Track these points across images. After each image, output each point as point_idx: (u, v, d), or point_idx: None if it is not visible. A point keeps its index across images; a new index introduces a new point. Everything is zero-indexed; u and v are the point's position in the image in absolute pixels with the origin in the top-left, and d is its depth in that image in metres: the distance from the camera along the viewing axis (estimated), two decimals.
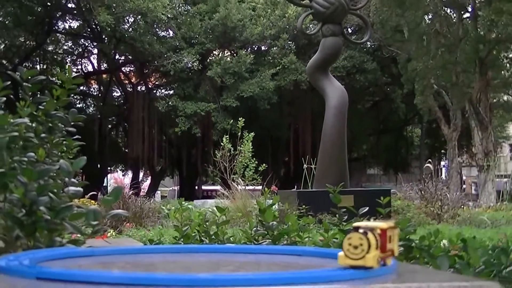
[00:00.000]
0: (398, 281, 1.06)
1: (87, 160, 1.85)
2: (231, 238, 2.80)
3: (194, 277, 0.97)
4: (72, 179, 1.78)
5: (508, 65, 26.02)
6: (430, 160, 28.33)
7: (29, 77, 2.16)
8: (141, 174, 36.27)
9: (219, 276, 0.98)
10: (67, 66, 34.07)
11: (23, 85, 2.13)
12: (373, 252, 1.04)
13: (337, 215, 2.74)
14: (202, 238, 2.65)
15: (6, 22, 29.72)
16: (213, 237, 2.58)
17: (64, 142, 2.18)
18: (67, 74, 2.30)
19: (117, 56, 33.25)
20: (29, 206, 1.56)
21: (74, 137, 2.21)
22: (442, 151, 36.60)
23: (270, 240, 2.51)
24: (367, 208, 2.63)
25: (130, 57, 32.52)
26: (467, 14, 26.45)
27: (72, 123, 2.15)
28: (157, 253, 1.36)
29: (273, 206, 2.69)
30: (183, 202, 3.32)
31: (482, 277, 2.10)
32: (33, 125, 2.00)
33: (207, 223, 2.73)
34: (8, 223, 1.59)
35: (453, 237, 2.79)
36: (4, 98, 2.07)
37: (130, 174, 37.38)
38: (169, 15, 27.20)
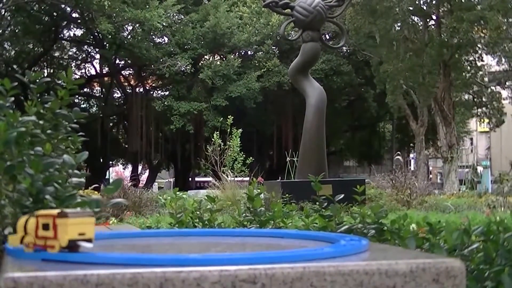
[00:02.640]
0: (370, 258, 1.07)
1: (91, 155, 1.84)
2: (221, 224, 2.79)
3: (186, 257, 0.96)
4: (76, 171, 1.77)
5: (468, 67, 26.18)
6: (399, 152, 28.48)
7: (36, 80, 2.15)
8: (139, 167, 36.11)
9: (208, 256, 0.98)
10: (72, 70, 33.99)
11: (30, 87, 2.12)
12: (18, 234, 1.06)
13: (317, 203, 2.75)
14: (195, 224, 2.64)
15: (16, 31, 29.49)
16: (206, 222, 2.57)
17: (69, 138, 2.16)
18: (67, 76, 2.28)
19: (117, 61, 33.05)
20: (36, 195, 1.55)
21: (78, 134, 2.19)
22: (411, 144, 36.76)
23: (258, 225, 2.51)
24: (343, 195, 2.63)
25: (129, 61, 32.33)
26: (432, 22, 26.56)
27: (75, 121, 2.14)
28: (153, 237, 1.35)
29: (260, 195, 2.69)
30: (178, 192, 3.31)
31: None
32: (40, 122, 1.98)
33: (200, 210, 2.72)
34: (16, 210, 1.58)
35: (420, 221, 2.80)
36: (13, 98, 2.05)
37: (130, 167, 37.21)
38: (164, 24, 27.05)
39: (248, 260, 0.94)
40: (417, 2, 26.14)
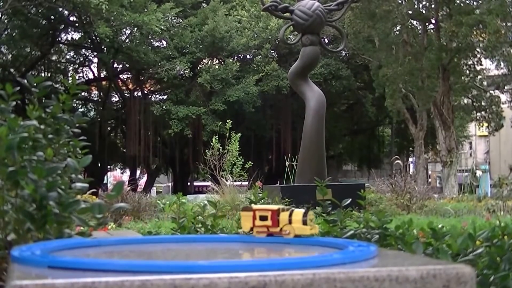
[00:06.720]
0: (380, 265, 1.06)
1: None
2: (224, 229, 2.79)
3: (195, 264, 0.96)
4: (79, 176, 1.76)
5: (467, 71, 26.21)
6: (397, 156, 28.47)
7: (37, 84, 2.14)
8: (138, 172, 36.09)
9: (217, 263, 0.97)
10: (70, 74, 33.93)
11: (31, 91, 2.11)
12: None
13: (318, 207, 2.74)
14: (197, 229, 2.63)
15: (14, 35, 29.47)
16: (208, 228, 2.56)
17: (71, 142, 2.15)
18: (71, 81, 2.28)
19: (115, 65, 33.05)
20: (40, 201, 1.54)
21: (80, 138, 2.18)
22: (410, 148, 36.79)
23: None
24: (350, 199, 2.63)
25: (127, 65, 32.33)
26: (431, 26, 26.61)
27: (77, 125, 2.13)
28: (158, 243, 1.34)
29: (262, 200, 2.68)
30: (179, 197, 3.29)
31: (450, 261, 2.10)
32: (42, 127, 1.97)
33: (203, 215, 2.71)
34: (20, 217, 1.57)
35: (421, 226, 2.80)
36: (14, 103, 2.05)
37: (128, 172, 37.16)
38: (162, 27, 27.06)
39: (257, 266, 0.94)
40: (416, 6, 26.20)
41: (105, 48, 30.49)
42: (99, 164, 33.00)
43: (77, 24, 31.21)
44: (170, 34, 28.69)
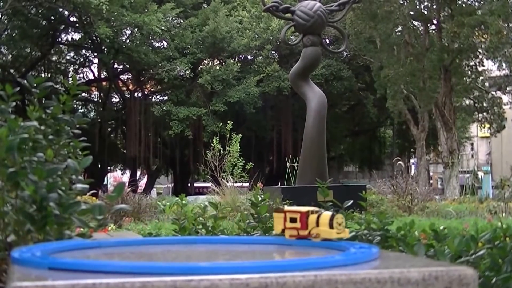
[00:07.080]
0: (381, 266, 1.06)
1: None
2: (224, 230, 2.79)
3: (196, 266, 0.96)
4: (79, 177, 1.76)
5: (469, 72, 26.21)
6: (398, 158, 28.47)
7: (37, 84, 2.14)
8: (138, 173, 36.09)
9: (218, 265, 0.97)
10: (70, 74, 33.91)
11: (32, 91, 2.11)
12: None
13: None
14: (198, 230, 2.63)
15: (13, 35, 29.51)
16: (209, 229, 2.56)
17: (71, 143, 2.15)
18: (72, 82, 2.28)
19: (115, 65, 33.07)
20: (40, 202, 1.54)
21: (81, 139, 2.18)
22: (412, 150, 36.78)
23: (261, 232, 2.50)
24: (352, 201, 2.63)
25: (128, 66, 32.35)
26: (433, 27, 26.62)
27: (77, 126, 2.13)
28: (159, 244, 1.34)
29: (264, 201, 2.68)
30: (177, 198, 3.28)
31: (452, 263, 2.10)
32: (42, 128, 1.97)
33: (204, 216, 2.71)
34: (20, 218, 1.57)
35: (423, 227, 2.79)
36: (14, 103, 2.05)
37: (128, 173, 37.17)
38: (163, 28, 27.07)
39: (259, 268, 0.94)
40: (417, 7, 26.20)
41: (105, 49, 30.51)
42: (99, 165, 33.01)
43: (77, 25, 31.24)
44: (171, 35, 28.71)
